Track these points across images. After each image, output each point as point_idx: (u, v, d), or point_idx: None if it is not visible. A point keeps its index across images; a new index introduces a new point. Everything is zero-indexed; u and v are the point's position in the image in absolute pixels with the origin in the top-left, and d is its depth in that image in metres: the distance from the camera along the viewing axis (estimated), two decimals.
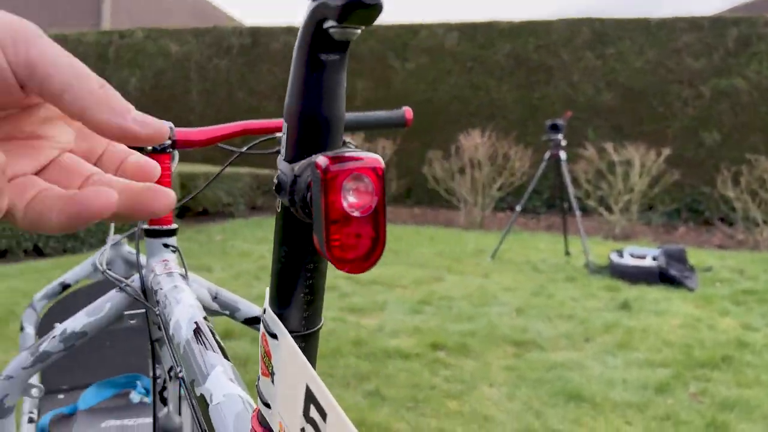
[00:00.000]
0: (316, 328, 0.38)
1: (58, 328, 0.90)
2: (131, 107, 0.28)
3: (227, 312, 0.98)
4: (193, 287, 0.95)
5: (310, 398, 0.35)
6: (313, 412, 0.35)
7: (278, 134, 1.08)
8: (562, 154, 4.97)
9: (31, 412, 1.44)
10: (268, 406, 0.41)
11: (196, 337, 0.67)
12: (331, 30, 0.29)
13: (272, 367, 0.40)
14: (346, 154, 0.32)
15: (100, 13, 14.64)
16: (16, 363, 0.87)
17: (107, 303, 0.92)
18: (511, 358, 2.79)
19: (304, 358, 0.36)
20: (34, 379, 1.56)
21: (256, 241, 5.59)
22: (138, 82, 10.05)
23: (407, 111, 1.09)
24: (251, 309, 1.00)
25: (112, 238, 1.14)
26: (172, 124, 0.85)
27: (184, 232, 5.91)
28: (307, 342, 0.38)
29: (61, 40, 10.56)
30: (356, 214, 0.31)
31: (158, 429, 0.95)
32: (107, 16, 14.70)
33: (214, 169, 7.06)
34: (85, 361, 1.70)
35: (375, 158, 0.32)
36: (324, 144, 0.33)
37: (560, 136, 4.95)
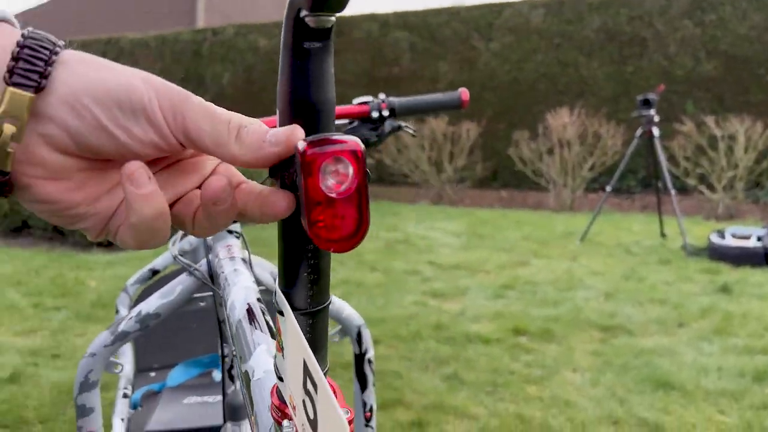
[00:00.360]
0: (322, 306, 0.39)
1: (135, 310, 0.96)
2: (265, 133, 0.34)
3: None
4: (255, 270, 0.99)
5: (306, 372, 0.37)
6: (309, 386, 0.37)
7: (337, 122, 1.10)
8: (655, 131, 4.70)
9: (126, 388, 1.55)
10: (281, 379, 0.43)
11: (249, 317, 0.71)
12: (306, 18, 0.30)
13: (282, 342, 0.41)
14: (327, 138, 0.33)
15: (194, 12, 15.37)
16: (98, 341, 0.95)
17: (178, 286, 0.98)
18: (596, 344, 2.70)
19: (301, 334, 0.37)
20: (126, 357, 1.69)
21: None
22: (230, 77, 10.48)
23: (463, 92, 1.07)
24: None
25: None
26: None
27: None
28: (314, 319, 0.39)
29: (160, 40, 11.20)
30: (334, 195, 0.32)
31: (226, 405, 1.00)
32: (201, 15, 15.41)
33: None
34: (175, 341, 1.82)
35: (354, 141, 0.33)
36: (314, 129, 0.34)
37: (652, 112, 4.68)
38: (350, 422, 0.42)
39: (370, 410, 1.10)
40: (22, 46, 0.31)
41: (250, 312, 0.71)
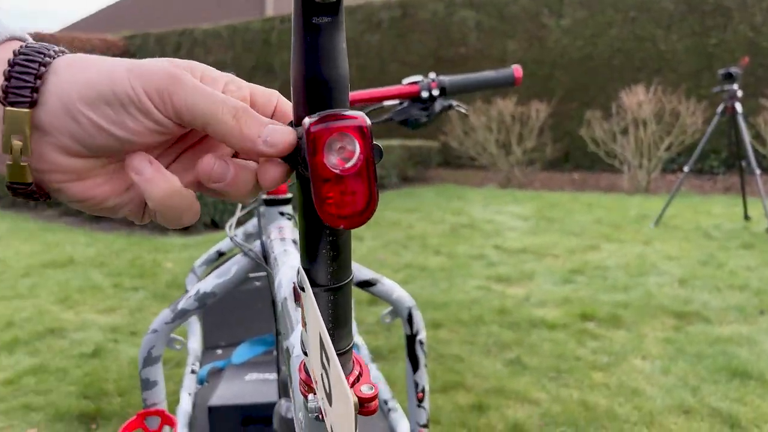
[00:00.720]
0: (343, 282, 0.39)
1: (193, 289, 1.00)
2: (263, 127, 0.34)
3: None
4: None
5: (322, 347, 0.37)
6: (324, 360, 0.37)
7: (386, 103, 1.09)
8: (738, 107, 4.41)
9: (193, 365, 1.62)
10: (306, 354, 0.44)
11: (294, 296, 0.72)
12: None
13: (305, 318, 0.42)
14: (333, 114, 0.32)
15: (263, 1, 15.66)
16: (160, 319, 1.00)
17: (234, 266, 1.01)
18: (669, 331, 2.59)
19: (318, 310, 0.37)
20: (195, 335, 1.75)
21: (406, 210, 5.71)
22: None
23: (516, 69, 1.04)
24: (363, 272, 1.04)
25: (240, 208, 1.23)
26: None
27: None
28: (336, 295, 0.39)
29: (231, 30, 11.49)
30: (338, 171, 0.32)
31: (280, 382, 1.03)
32: (270, 4, 15.68)
33: None
34: (241, 320, 1.88)
35: (361, 116, 0.32)
36: (326, 106, 0.34)
37: (735, 86, 4.39)
38: (373, 398, 0.41)
39: (422, 391, 1.10)
40: (12, 65, 0.33)
41: (295, 291, 0.73)
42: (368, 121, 0.32)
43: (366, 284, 1.04)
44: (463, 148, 7.99)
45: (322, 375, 0.38)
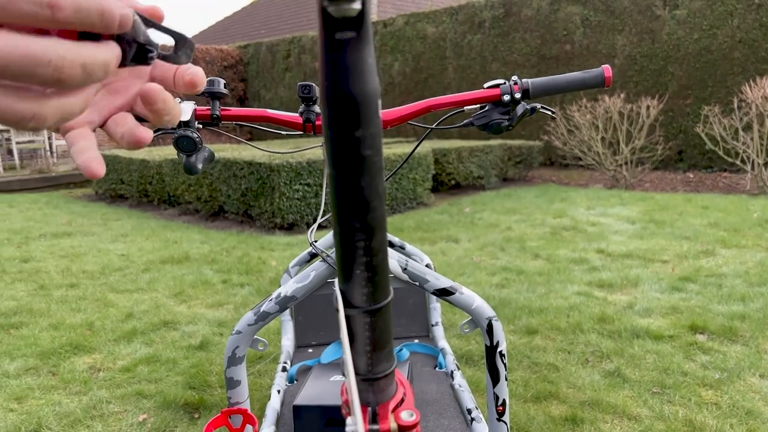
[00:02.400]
0: (381, 304, 0.39)
1: (275, 293, 1.04)
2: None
3: (417, 283, 1.03)
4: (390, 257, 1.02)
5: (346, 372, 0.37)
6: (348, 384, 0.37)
7: (466, 108, 1.08)
8: None
9: (285, 363, 1.69)
10: (344, 375, 0.44)
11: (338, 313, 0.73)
12: (329, 9, 0.29)
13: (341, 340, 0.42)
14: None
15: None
16: (243, 320, 1.04)
17: (312, 272, 1.04)
18: None
19: (345, 333, 0.37)
20: (288, 334, 1.82)
21: (504, 212, 5.60)
22: (400, 66, 10.74)
23: (606, 69, 0.99)
24: (441, 281, 1.03)
25: (321, 215, 1.27)
26: None
27: (437, 205, 6.20)
28: (374, 317, 0.39)
29: None
30: None
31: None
32: (374, 8, 15.95)
33: (466, 144, 7.23)
34: (332, 321, 1.93)
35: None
36: (353, 122, 0.33)
37: None
38: (413, 426, 0.41)
39: (503, 404, 1.07)
40: None
41: None
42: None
43: (444, 293, 1.03)
44: (567, 148, 7.72)
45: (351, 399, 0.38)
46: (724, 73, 7.54)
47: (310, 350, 1.83)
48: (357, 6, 0.29)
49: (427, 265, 1.70)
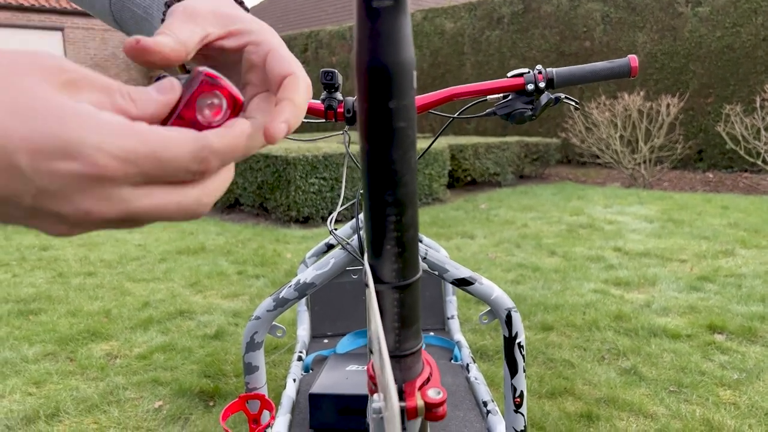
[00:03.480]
0: (410, 280, 0.38)
1: (294, 279, 1.04)
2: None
3: (436, 272, 1.02)
4: None
5: (379, 345, 0.37)
6: (382, 359, 0.37)
7: (489, 97, 1.07)
8: None
9: (300, 352, 1.69)
10: (371, 352, 0.43)
11: (367, 288, 0.73)
12: None
13: (369, 316, 0.41)
14: (218, 85, 0.33)
15: None
16: (263, 306, 1.04)
17: (331, 259, 1.04)
18: None
19: (376, 308, 0.37)
20: (303, 323, 1.82)
21: (520, 209, 5.57)
22: (417, 62, 10.71)
23: (632, 59, 0.98)
24: (460, 271, 1.03)
25: (341, 204, 1.26)
26: None
27: (452, 201, 6.18)
28: (403, 293, 0.38)
29: (352, 31, 11.80)
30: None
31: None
32: None
33: (483, 140, 7.20)
34: (348, 311, 1.93)
35: (235, 91, 0.34)
36: (388, 93, 0.32)
37: None
38: (440, 403, 0.41)
39: (520, 396, 1.06)
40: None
41: None
42: (240, 96, 0.34)
43: (463, 282, 1.03)
44: (585, 145, 7.66)
45: (380, 376, 0.38)
46: (747, 72, 7.43)
47: (326, 340, 1.83)
48: None
49: None
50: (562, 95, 1.02)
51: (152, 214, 0.30)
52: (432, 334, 1.81)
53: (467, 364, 1.56)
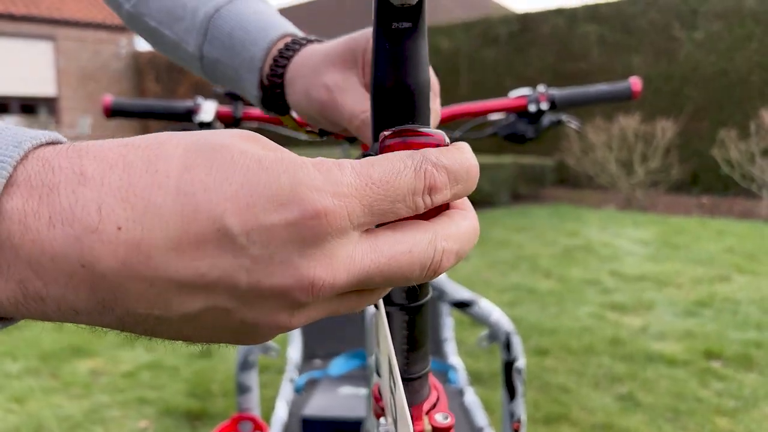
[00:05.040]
0: (420, 302, 0.38)
1: None
2: None
3: (435, 293, 0.99)
4: None
5: (390, 369, 0.35)
6: (392, 383, 0.35)
7: (491, 116, 1.05)
8: None
9: (292, 373, 1.64)
10: (378, 375, 0.41)
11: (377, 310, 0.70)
12: None
13: (378, 338, 0.39)
14: (411, 129, 0.29)
15: None
16: None
17: None
18: None
19: (387, 331, 0.35)
20: (295, 344, 1.78)
21: (516, 229, 5.55)
22: None
23: (634, 83, 0.96)
24: (460, 292, 0.99)
25: None
26: None
27: None
28: (411, 315, 0.38)
29: None
30: None
31: (368, 399, 1.00)
32: None
33: (477, 159, 7.20)
34: (342, 331, 1.89)
35: (440, 135, 0.29)
36: (406, 114, 0.32)
37: None
38: (448, 428, 0.40)
39: (519, 421, 1.03)
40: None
41: (377, 306, 0.70)
42: (447, 140, 0.29)
43: (462, 305, 1.00)
44: (580, 167, 7.67)
45: (389, 399, 0.36)
46: (742, 97, 7.49)
47: (318, 361, 1.78)
48: None
49: None
50: (564, 117, 1.00)
51: (386, 271, 0.24)
52: None
53: (463, 388, 1.52)
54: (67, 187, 0.21)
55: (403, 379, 0.40)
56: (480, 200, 7.07)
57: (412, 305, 0.37)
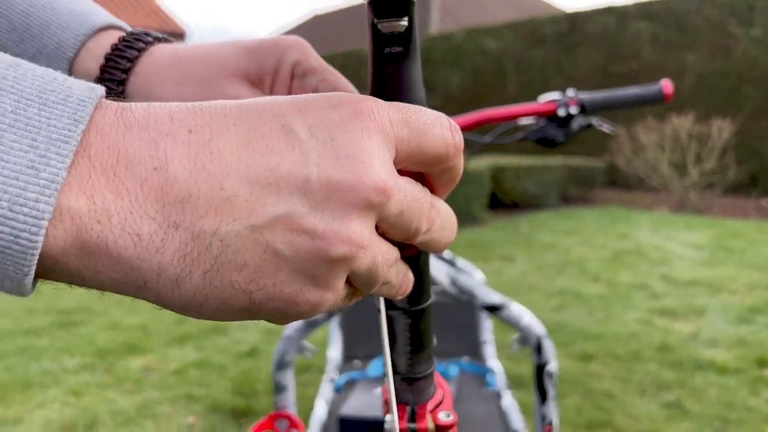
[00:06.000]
0: (421, 306, 0.39)
1: None
2: None
3: (465, 296, 1.01)
4: (430, 269, 1.00)
5: (386, 369, 0.37)
6: (389, 382, 0.37)
7: (521, 120, 1.05)
8: None
9: (331, 374, 1.68)
10: (385, 375, 0.43)
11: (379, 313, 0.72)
12: (378, 25, 0.31)
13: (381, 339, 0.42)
14: None
15: (428, 20, 16.03)
16: (292, 326, 1.04)
17: None
18: None
19: (385, 332, 0.38)
20: (335, 345, 1.82)
21: (564, 233, 5.45)
22: (458, 81, 10.72)
23: (665, 85, 0.95)
24: (490, 296, 1.00)
25: None
26: None
27: (492, 223, 6.11)
28: (414, 318, 0.39)
29: None
30: None
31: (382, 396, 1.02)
32: (435, 23, 16.02)
33: (525, 161, 7.12)
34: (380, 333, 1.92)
35: None
36: None
37: None
38: (450, 426, 0.42)
39: (550, 424, 1.03)
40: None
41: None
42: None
43: (493, 308, 1.00)
44: (631, 169, 7.48)
45: (389, 398, 0.39)
46: None
47: (357, 362, 1.81)
48: (404, 23, 0.31)
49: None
50: (595, 120, 0.99)
51: (407, 210, 0.25)
52: (464, 359, 1.77)
53: (500, 392, 1.52)
54: (139, 104, 0.22)
55: (408, 379, 0.41)
56: (528, 203, 6.98)
57: (414, 309, 0.39)
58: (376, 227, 0.25)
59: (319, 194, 0.22)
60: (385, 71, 0.33)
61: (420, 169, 0.27)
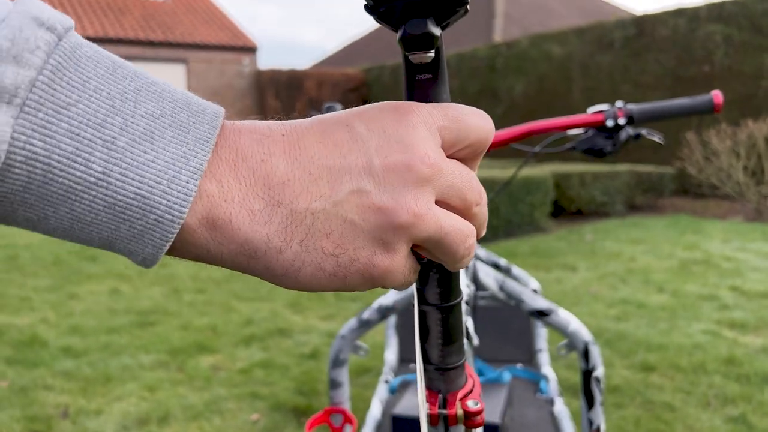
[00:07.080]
0: (452, 302, 0.43)
1: (376, 302, 1.10)
2: None
3: (513, 301, 1.04)
4: (479, 275, 1.04)
5: (418, 361, 0.42)
6: (419, 372, 0.42)
7: (570, 131, 1.08)
8: None
9: (387, 375, 1.74)
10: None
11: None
12: (409, 56, 0.35)
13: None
14: None
15: (491, 27, 15.93)
16: (347, 326, 1.11)
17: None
18: None
19: (416, 327, 0.42)
20: (392, 348, 1.87)
21: (629, 241, 5.32)
22: (523, 88, 10.60)
23: (715, 95, 0.95)
24: (537, 301, 1.03)
25: None
26: None
27: (556, 231, 6.02)
28: (445, 314, 0.43)
29: (458, 58, 11.89)
30: None
31: None
32: (499, 30, 15.90)
33: (590, 168, 6.98)
34: None
35: None
36: None
37: None
38: (478, 413, 0.46)
39: (597, 429, 1.05)
40: None
41: None
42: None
43: (540, 314, 1.03)
44: (702, 176, 7.19)
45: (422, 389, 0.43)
46: None
47: (413, 365, 1.86)
48: (431, 54, 0.34)
49: (534, 290, 1.68)
50: (644, 131, 1.01)
51: (453, 188, 0.31)
52: (519, 366, 1.79)
53: (553, 398, 1.54)
54: (244, 120, 0.31)
55: (441, 369, 0.45)
56: (593, 210, 6.83)
57: (445, 305, 0.42)
58: (439, 203, 0.32)
59: (380, 174, 0.29)
60: (416, 95, 0.36)
61: (466, 156, 0.33)
